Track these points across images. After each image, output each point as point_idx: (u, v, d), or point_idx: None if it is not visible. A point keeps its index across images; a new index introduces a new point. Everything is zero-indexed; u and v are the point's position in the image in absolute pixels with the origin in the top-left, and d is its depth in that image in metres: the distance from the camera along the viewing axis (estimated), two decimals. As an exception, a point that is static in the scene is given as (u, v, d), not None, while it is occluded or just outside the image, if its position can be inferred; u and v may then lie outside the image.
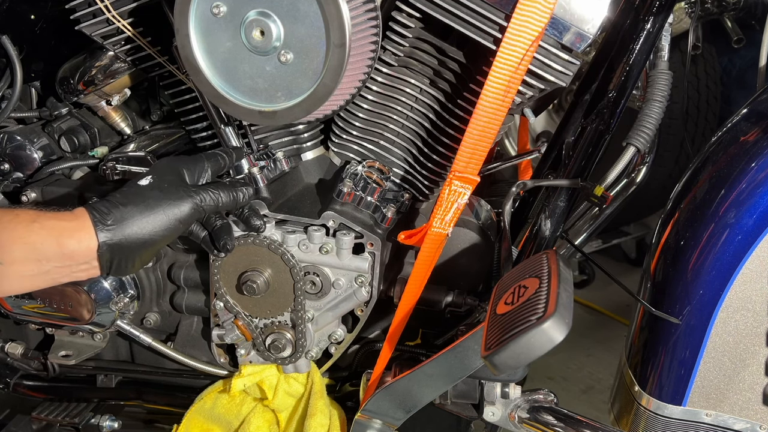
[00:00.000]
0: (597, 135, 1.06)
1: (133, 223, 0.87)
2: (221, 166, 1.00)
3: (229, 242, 0.99)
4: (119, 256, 0.87)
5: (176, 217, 0.90)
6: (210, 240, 1.00)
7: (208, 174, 0.98)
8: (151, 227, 0.88)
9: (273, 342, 1.11)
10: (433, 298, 1.10)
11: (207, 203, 0.93)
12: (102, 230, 0.85)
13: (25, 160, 1.22)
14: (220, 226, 0.99)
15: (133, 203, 0.88)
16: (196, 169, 0.96)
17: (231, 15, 0.89)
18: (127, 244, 0.87)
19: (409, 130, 1.07)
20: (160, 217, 0.89)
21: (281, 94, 0.92)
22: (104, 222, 0.85)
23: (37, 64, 1.23)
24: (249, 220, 1.02)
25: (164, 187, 0.91)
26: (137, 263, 0.90)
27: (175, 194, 0.91)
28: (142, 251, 0.89)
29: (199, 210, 0.92)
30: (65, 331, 1.26)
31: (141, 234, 0.87)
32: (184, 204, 0.90)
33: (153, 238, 0.89)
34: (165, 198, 0.90)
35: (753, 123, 0.94)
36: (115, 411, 1.29)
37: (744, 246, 0.87)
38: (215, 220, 0.99)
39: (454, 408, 1.06)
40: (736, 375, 0.92)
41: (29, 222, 0.84)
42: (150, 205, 0.88)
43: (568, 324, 0.74)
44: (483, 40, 0.92)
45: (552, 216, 1.07)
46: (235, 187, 0.98)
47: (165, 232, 0.89)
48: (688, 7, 1.93)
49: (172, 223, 0.90)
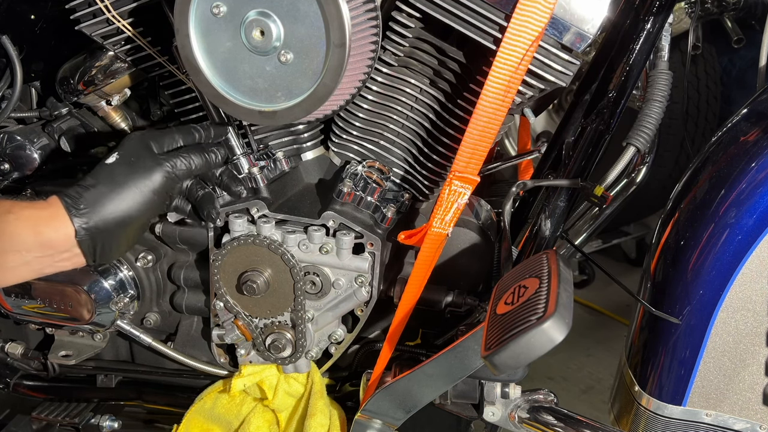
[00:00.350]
0: (597, 135, 1.06)
1: (106, 204, 0.85)
2: (195, 139, 0.97)
3: (213, 211, 0.97)
4: (100, 239, 0.85)
5: (149, 188, 0.88)
6: (195, 212, 0.98)
7: (179, 144, 0.96)
8: (126, 204, 0.86)
9: (273, 342, 1.11)
10: (433, 298, 1.10)
11: (178, 168, 0.90)
12: (76, 215, 0.84)
13: (25, 160, 1.22)
14: (202, 196, 0.97)
15: (102, 183, 0.86)
16: (164, 140, 0.94)
17: (231, 15, 0.89)
18: (105, 226, 0.85)
19: (409, 130, 1.07)
20: (132, 191, 0.87)
21: (281, 94, 0.92)
22: (77, 207, 0.84)
23: (37, 64, 1.23)
24: (229, 186, 0.99)
25: (131, 161, 0.88)
26: (122, 244, 0.89)
27: (144, 165, 0.88)
28: (121, 230, 0.87)
29: (171, 176, 0.90)
30: (65, 331, 1.26)
31: (116, 212, 0.85)
32: (154, 174, 0.88)
33: (130, 215, 0.87)
34: (133, 171, 0.87)
35: (753, 123, 0.94)
36: (115, 411, 1.29)
37: (744, 246, 0.87)
38: (197, 191, 0.97)
39: (454, 408, 1.06)
40: (736, 375, 0.92)
41: (4, 213, 0.83)
42: (119, 182, 0.86)
43: (568, 324, 0.74)
44: (483, 40, 0.92)
45: (552, 216, 1.07)
46: (206, 148, 0.95)
47: (141, 206, 0.87)
48: (688, 7, 1.93)
49: (146, 195, 0.88)
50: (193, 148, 0.94)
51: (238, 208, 1.06)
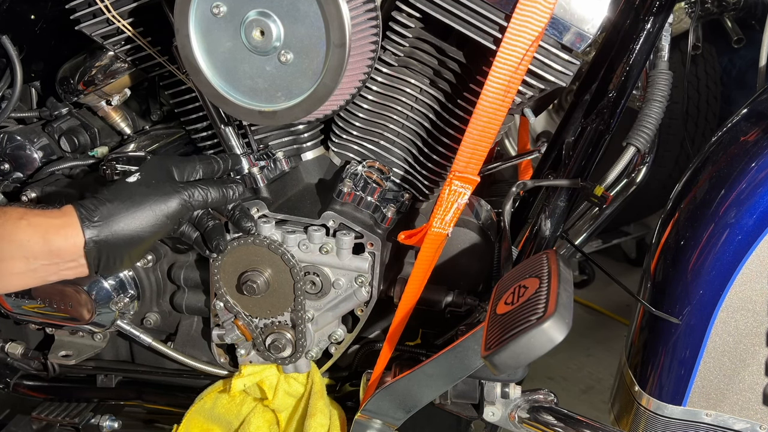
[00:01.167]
0: (597, 135, 1.06)
1: (119, 220, 0.86)
2: (214, 170, 0.99)
3: (222, 243, 0.98)
4: (106, 252, 0.86)
5: (163, 212, 0.89)
6: (202, 241, 0.99)
7: (199, 174, 0.97)
8: (137, 223, 0.87)
9: (273, 342, 1.11)
10: (433, 298, 1.10)
11: (195, 199, 0.92)
12: (88, 227, 0.84)
13: (25, 160, 1.22)
14: (212, 226, 0.98)
15: (119, 199, 0.87)
16: (186, 168, 0.96)
17: (231, 15, 0.89)
18: (114, 241, 0.86)
19: (409, 130, 1.07)
20: (146, 213, 0.88)
21: (281, 94, 0.92)
22: (91, 219, 0.85)
23: (37, 64, 1.23)
24: (239, 221, 1.01)
25: (152, 183, 0.90)
26: (125, 261, 0.90)
27: (162, 190, 0.90)
28: (129, 248, 0.88)
29: (187, 206, 0.91)
30: (65, 331, 1.25)
31: (127, 230, 0.87)
32: (171, 200, 0.90)
33: (140, 235, 0.88)
34: (152, 194, 0.89)
35: (753, 123, 0.94)
36: (115, 411, 1.29)
37: (744, 246, 0.87)
38: (207, 221, 0.98)
39: (454, 408, 1.06)
40: (736, 375, 0.92)
41: (16, 219, 0.84)
42: (136, 201, 0.88)
43: (568, 324, 0.74)
44: (483, 40, 0.92)
45: (552, 216, 1.07)
46: (225, 183, 0.97)
47: (152, 228, 0.89)
48: (688, 7, 1.94)
49: (159, 219, 0.89)
50: (212, 182, 0.96)
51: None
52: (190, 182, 0.95)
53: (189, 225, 0.99)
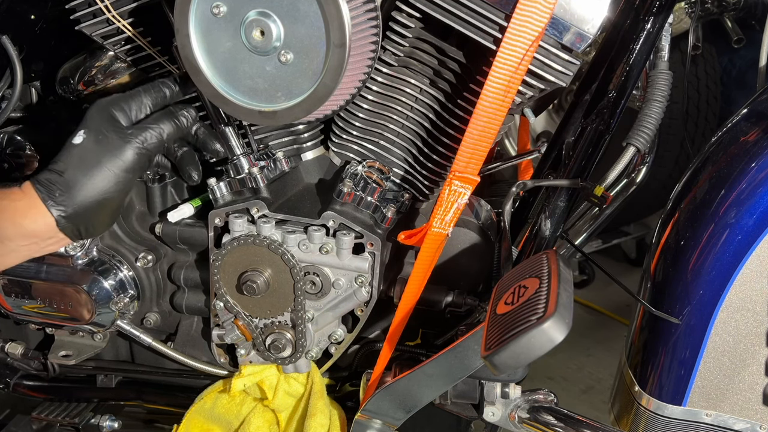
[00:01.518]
0: (597, 135, 1.06)
1: (80, 188, 0.84)
2: (165, 97, 0.94)
3: (195, 172, 0.95)
4: (82, 222, 0.86)
5: (121, 168, 0.86)
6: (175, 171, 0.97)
7: (149, 108, 0.92)
8: (100, 186, 0.85)
9: (273, 342, 1.11)
10: (433, 298, 1.10)
11: (150, 142, 0.88)
12: (52, 206, 0.83)
13: (25, 160, 1.22)
14: (181, 155, 0.95)
15: (73, 167, 0.85)
16: (131, 107, 0.91)
17: (231, 15, 0.89)
18: (83, 210, 0.85)
19: (409, 130, 1.07)
20: (104, 173, 0.85)
21: (281, 94, 0.92)
22: (52, 196, 0.83)
23: (37, 64, 1.23)
24: (206, 143, 0.97)
25: (99, 139, 0.86)
26: (104, 221, 0.89)
27: (112, 144, 0.86)
28: (100, 211, 0.87)
29: (142, 152, 0.88)
30: (65, 331, 1.25)
31: (93, 196, 0.85)
32: (125, 152, 0.86)
33: (105, 196, 0.86)
34: (103, 151, 0.85)
35: (753, 123, 0.94)
36: (115, 411, 1.29)
37: (744, 246, 0.87)
38: (176, 150, 0.95)
39: (454, 408, 1.06)
40: (736, 375, 0.92)
41: None
42: (90, 164, 0.85)
43: (568, 324, 0.74)
44: (483, 40, 0.92)
45: (552, 216, 1.07)
46: (175, 113, 0.93)
47: (116, 185, 0.87)
48: (688, 7, 1.94)
49: (120, 176, 0.86)
50: (162, 116, 0.91)
51: (238, 208, 1.06)
52: (139, 125, 0.89)
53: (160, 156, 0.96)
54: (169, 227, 1.14)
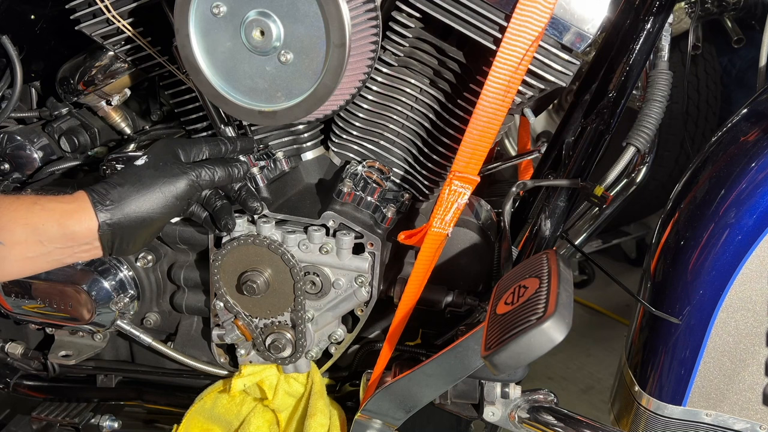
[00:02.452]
0: (597, 135, 1.06)
1: (130, 202, 0.89)
2: (221, 151, 1.01)
3: (230, 222, 1.01)
4: (120, 235, 0.89)
5: (172, 193, 0.92)
6: (211, 220, 1.02)
7: (205, 155, 0.99)
8: (148, 205, 0.90)
9: (273, 342, 1.11)
10: (433, 298, 1.10)
11: (202, 178, 0.95)
12: (101, 210, 0.87)
13: (25, 160, 1.22)
14: (220, 206, 1.01)
15: (129, 183, 0.90)
16: (192, 149, 0.98)
17: (231, 15, 0.89)
18: (127, 223, 0.89)
19: (409, 130, 1.07)
20: (156, 194, 0.91)
21: (281, 94, 0.92)
22: (103, 203, 0.88)
23: (37, 64, 1.23)
24: (246, 201, 1.03)
25: (159, 165, 0.93)
26: (138, 242, 0.92)
27: (170, 171, 0.93)
28: (141, 229, 0.91)
29: (194, 185, 0.94)
30: (65, 331, 1.26)
31: (139, 212, 0.90)
32: (179, 180, 0.92)
33: (151, 216, 0.91)
34: (160, 176, 0.92)
35: (753, 123, 0.94)
36: (115, 411, 1.29)
37: (744, 246, 0.87)
38: (215, 201, 1.01)
39: (454, 408, 1.06)
40: (736, 375, 0.92)
41: (30, 204, 0.86)
42: (146, 184, 0.90)
43: (568, 324, 0.74)
44: (483, 40, 0.92)
45: (552, 216, 1.07)
46: (230, 162, 0.99)
47: (162, 209, 0.92)
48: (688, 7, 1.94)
49: (169, 200, 0.92)
50: (218, 161, 0.99)
51: (238, 208, 1.06)
52: (196, 163, 0.97)
53: (198, 205, 1.02)
54: (169, 227, 1.14)
